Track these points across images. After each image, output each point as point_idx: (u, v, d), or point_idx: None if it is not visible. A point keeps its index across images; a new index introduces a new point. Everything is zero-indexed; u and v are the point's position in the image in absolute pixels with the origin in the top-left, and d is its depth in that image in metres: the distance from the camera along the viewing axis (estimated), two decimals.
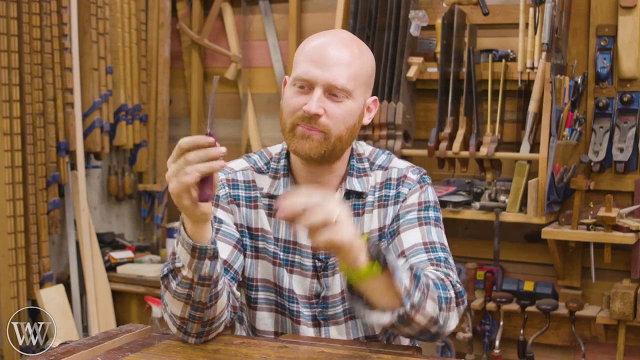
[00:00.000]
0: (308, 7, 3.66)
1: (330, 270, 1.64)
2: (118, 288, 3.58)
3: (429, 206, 1.65)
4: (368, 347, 1.51)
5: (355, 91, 1.57)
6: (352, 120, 1.58)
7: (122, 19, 3.68)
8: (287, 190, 1.64)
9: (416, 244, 1.59)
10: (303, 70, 1.55)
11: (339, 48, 1.56)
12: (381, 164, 1.70)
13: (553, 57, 2.86)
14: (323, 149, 1.55)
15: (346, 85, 1.54)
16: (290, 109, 1.57)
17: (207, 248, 1.40)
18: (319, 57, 1.54)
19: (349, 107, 1.56)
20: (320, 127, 1.54)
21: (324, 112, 1.54)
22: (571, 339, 3.11)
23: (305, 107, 1.53)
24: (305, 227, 1.28)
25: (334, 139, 1.56)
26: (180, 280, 1.42)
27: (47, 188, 3.27)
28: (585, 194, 3.01)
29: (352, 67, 1.55)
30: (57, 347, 1.48)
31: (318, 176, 1.64)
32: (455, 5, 3.11)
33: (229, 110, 3.93)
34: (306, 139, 1.55)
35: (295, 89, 1.57)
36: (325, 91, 1.54)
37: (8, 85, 3.08)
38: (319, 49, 1.56)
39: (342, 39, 1.59)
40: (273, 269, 1.65)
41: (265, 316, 1.68)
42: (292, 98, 1.57)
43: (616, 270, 3.06)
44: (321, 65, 1.53)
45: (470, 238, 3.34)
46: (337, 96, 1.55)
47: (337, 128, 1.55)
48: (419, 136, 3.31)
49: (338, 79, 1.53)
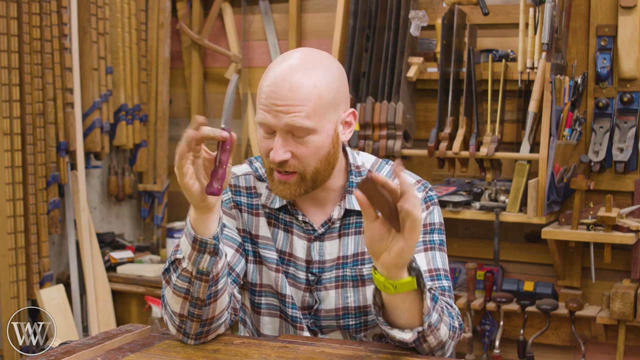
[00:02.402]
0: (308, 7, 3.66)
1: (322, 285, 1.63)
2: (118, 288, 3.58)
3: (434, 229, 1.63)
4: (368, 347, 1.51)
5: (319, 124, 1.49)
6: (323, 151, 1.52)
7: (122, 19, 3.68)
8: (282, 204, 1.63)
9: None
10: (261, 117, 1.50)
11: (292, 85, 1.47)
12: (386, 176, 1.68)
13: (553, 57, 2.86)
14: (302, 189, 1.54)
15: (305, 124, 1.47)
16: (263, 153, 1.55)
17: (208, 242, 1.40)
18: (272, 103, 1.47)
19: (316, 142, 1.50)
20: (292, 168, 1.51)
21: (292, 154, 1.50)
22: (571, 339, 3.11)
23: (270, 155, 1.50)
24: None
25: (310, 176, 1.53)
26: (180, 273, 1.43)
27: (47, 188, 3.27)
28: (585, 194, 3.01)
29: (310, 102, 1.47)
30: (57, 347, 1.48)
31: (313, 194, 1.62)
32: (455, 5, 3.11)
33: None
34: (283, 184, 1.53)
35: (262, 132, 1.53)
36: (288, 132, 1.49)
37: (8, 85, 3.08)
38: (271, 93, 1.47)
39: (298, 69, 1.49)
40: (275, 276, 1.65)
41: (269, 321, 1.68)
42: (261, 142, 1.54)
43: (616, 270, 3.06)
44: (275, 111, 1.47)
45: (470, 238, 3.34)
46: (300, 137, 1.49)
47: (309, 164, 1.51)
48: (419, 136, 3.31)
49: (295, 122, 1.47)
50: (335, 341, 1.58)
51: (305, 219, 1.62)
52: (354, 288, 1.63)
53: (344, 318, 1.64)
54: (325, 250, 1.63)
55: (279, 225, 1.65)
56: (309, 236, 1.63)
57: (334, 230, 1.63)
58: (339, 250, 1.63)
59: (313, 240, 1.63)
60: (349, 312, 1.63)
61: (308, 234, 1.63)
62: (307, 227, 1.63)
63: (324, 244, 1.63)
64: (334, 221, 1.62)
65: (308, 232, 1.63)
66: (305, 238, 1.63)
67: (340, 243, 1.63)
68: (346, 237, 1.63)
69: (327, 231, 1.63)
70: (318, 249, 1.63)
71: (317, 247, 1.63)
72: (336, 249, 1.63)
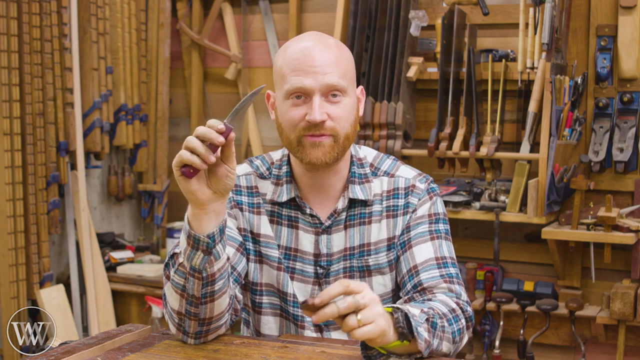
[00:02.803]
0: (308, 7, 3.66)
1: (331, 277, 1.65)
2: (118, 288, 3.58)
3: (439, 219, 1.66)
4: None
5: (349, 86, 1.58)
6: (353, 115, 1.59)
7: (122, 19, 3.68)
8: (290, 196, 1.64)
9: (428, 259, 1.60)
10: (295, 82, 1.54)
11: (322, 50, 1.55)
12: (387, 170, 1.69)
13: (553, 57, 2.86)
14: (335, 152, 1.56)
15: (341, 84, 1.54)
16: (291, 124, 1.56)
17: (201, 239, 1.39)
18: (307, 64, 1.53)
19: (348, 104, 1.57)
20: (328, 131, 1.54)
21: (328, 116, 1.54)
22: (571, 339, 3.11)
23: (308, 118, 1.53)
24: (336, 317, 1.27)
25: (342, 140, 1.56)
26: (177, 268, 1.44)
27: (47, 188, 3.27)
28: (585, 194, 3.01)
29: (341, 65, 1.56)
30: (57, 347, 1.48)
31: (322, 180, 1.64)
32: (455, 5, 3.11)
33: (228, 110, 3.93)
34: (317, 146, 1.55)
35: (291, 102, 1.56)
36: (322, 95, 1.54)
37: (8, 85, 3.08)
38: (303, 55, 1.54)
39: (320, 40, 1.58)
40: (277, 275, 1.66)
41: (269, 320, 1.69)
42: (290, 112, 1.56)
43: (616, 270, 3.07)
44: (312, 72, 1.53)
45: (470, 238, 3.34)
46: (335, 97, 1.55)
47: (343, 128, 1.56)
48: (419, 136, 3.31)
49: (332, 80, 1.53)
50: (335, 341, 1.58)
51: (312, 212, 1.64)
52: (360, 279, 1.65)
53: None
54: (333, 242, 1.64)
55: (283, 222, 1.66)
56: (316, 229, 1.64)
57: (340, 222, 1.65)
58: (345, 242, 1.65)
59: (320, 233, 1.64)
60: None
61: (315, 227, 1.64)
62: (314, 220, 1.64)
63: (331, 236, 1.65)
64: (339, 212, 1.64)
65: (315, 226, 1.64)
66: (313, 232, 1.65)
67: (347, 234, 1.65)
68: (352, 228, 1.65)
69: (334, 223, 1.64)
70: (326, 242, 1.64)
71: (324, 240, 1.64)
72: (343, 240, 1.65)
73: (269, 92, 1.67)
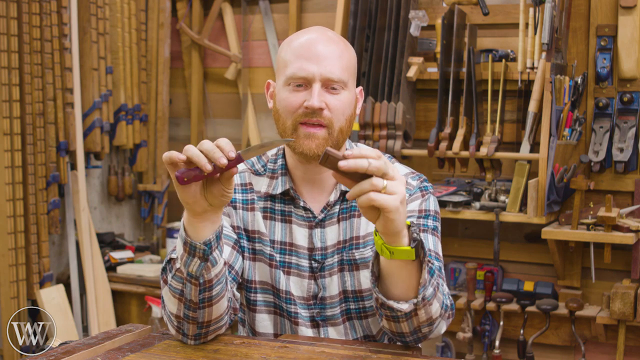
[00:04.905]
0: (308, 7, 3.66)
1: (326, 271, 1.65)
2: (118, 288, 3.58)
3: (429, 215, 1.65)
4: (368, 347, 1.51)
5: (350, 81, 1.60)
6: (349, 110, 1.60)
7: (122, 19, 3.68)
8: (285, 188, 1.65)
9: None
10: (298, 68, 1.56)
11: (326, 43, 1.58)
12: None
13: (553, 57, 2.86)
14: (328, 144, 1.56)
15: (342, 77, 1.56)
16: (289, 109, 1.57)
17: (197, 246, 1.39)
18: (311, 53, 1.56)
19: (346, 97, 1.59)
20: (324, 120, 1.55)
21: (325, 105, 1.56)
22: (571, 339, 3.11)
23: (307, 103, 1.55)
24: (358, 179, 1.27)
25: (336, 132, 1.57)
26: (175, 273, 1.44)
27: (47, 188, 3.27)
28: (585, 194, 3.01)
29: (343, 59, 1.58)
30: (57, 347, 1.48)
31: (316, 174, 1.64)
32: (455, 5, 3.11)
33: (229, 110, 3.93)
34: (310, 137, 1.56)
35: (291, 89, 1.57)
36: (322, 85, 1.56)
37: (8, 85, 3.08)
38: (308, 45, 1.57)
39: (325, 34, 1.61)
40: (270, 271, 1.66)
41: (264, 318, 1.69)
42: (289, 98, 1.57)
43: (616, 270, 3.07)
44: (315, 61, 1.55)
45: (470, 238, 3.34)
46: (334, 89, 1.57)
47: (339, 120, 1.58)
48: (419, 136, 3.31)
49: (334, 72, 1.55)
50: (335, 341, 1.58)
51: (305, 205, 1.64)
52: (349, 272, 1.64)
53: (345, 302, 1.65)
54: (327, 236, 1.65)
55: (276, 217, 1.66)
56: (310, 223, 1.65)
57: (333, 215, 1.65)
58: (338, 235, 1.65)
59: (314, 227, 1.64)
60: (348, 295, 1.65)
61: (309, 221, 1.65)
62: (308, 214, 1.64)
63: (325, 230, 1.65)
64: (332, 205, 1.64)
65: (309, 219, 1.65)
66: (306, 225, 1.65)
67: (340, 228, 1.65)
68: (344, 221, 1.65)
69: (327, 217, 1.65)
70: (320, 236, 1.65)
71: (318, 234, 1.65)
72: (336, 234, 1.65)
73: (270, 81, 1.68)
